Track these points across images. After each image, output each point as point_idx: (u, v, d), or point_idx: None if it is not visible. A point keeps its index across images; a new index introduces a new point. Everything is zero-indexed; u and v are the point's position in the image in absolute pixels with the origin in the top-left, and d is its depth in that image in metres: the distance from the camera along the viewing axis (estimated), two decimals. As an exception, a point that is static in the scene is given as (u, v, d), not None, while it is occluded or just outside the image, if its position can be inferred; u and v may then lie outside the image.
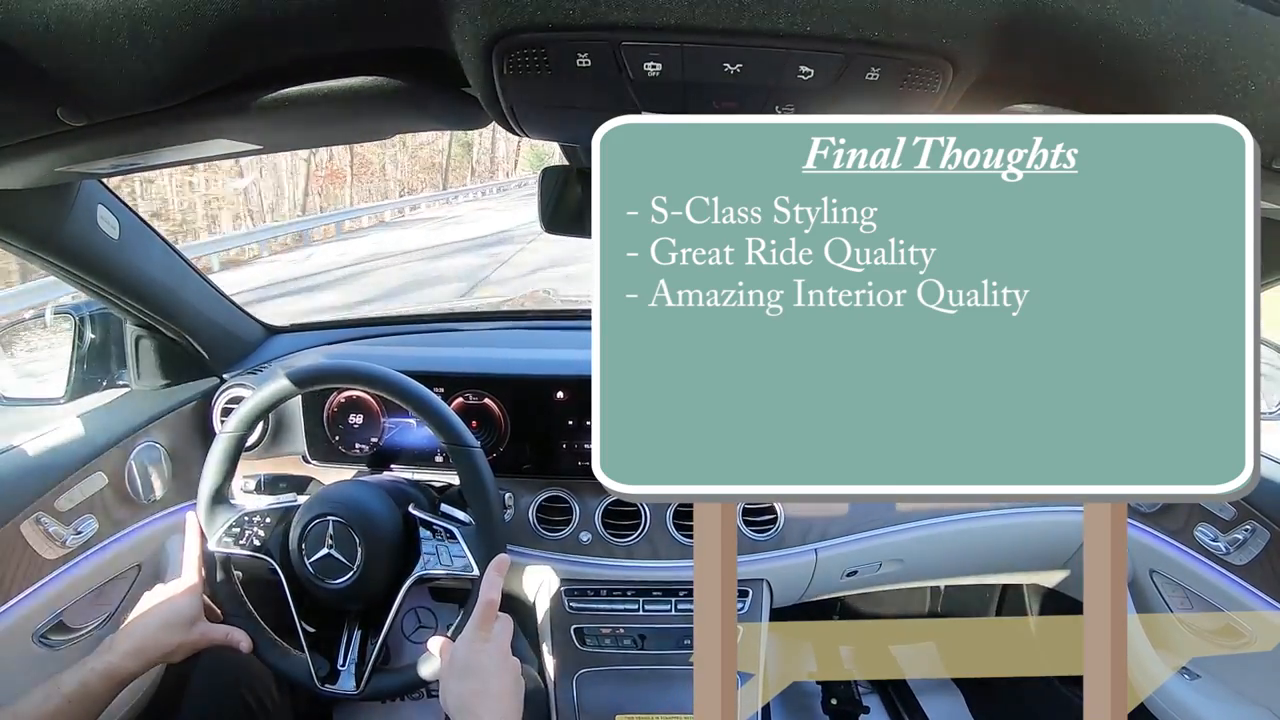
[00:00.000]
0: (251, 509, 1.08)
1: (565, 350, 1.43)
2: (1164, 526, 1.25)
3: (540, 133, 0.72)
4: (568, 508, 1.32)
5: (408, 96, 0.63)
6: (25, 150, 0.65)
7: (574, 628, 1.29)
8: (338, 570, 1.01)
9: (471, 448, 1.06)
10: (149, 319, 1.24)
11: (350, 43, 0.55)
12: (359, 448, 1.35)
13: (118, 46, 0.50)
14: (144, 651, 0.94)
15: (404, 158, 27.13)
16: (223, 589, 1.07)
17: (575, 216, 0.91)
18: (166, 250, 1.22)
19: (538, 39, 0.52)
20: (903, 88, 0.55)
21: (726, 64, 0.53)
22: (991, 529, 1.35)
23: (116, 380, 1.33)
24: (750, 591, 1.30)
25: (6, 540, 1.01)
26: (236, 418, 1.08)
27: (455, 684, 0.89)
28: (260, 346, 1.52)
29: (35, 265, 1.01)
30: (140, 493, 1.23)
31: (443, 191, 26.37)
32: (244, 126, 0.68)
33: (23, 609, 1.03)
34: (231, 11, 0.49)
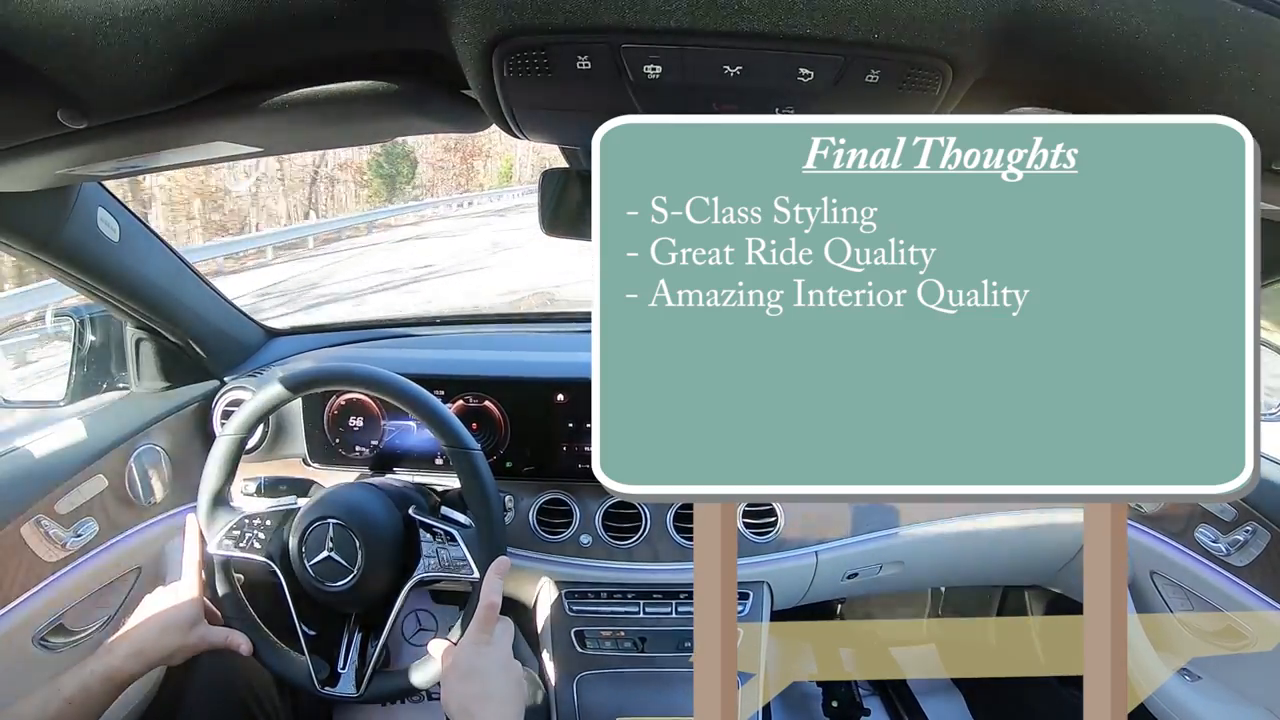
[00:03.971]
0: (252, 512, 1.08)
1: (565, 353, 1.43)
2: (1165, 528, 1.25)
3: (540, 135, 0.72)
4: (568, 510, 1.32)
5: (408, 99, 0.63)
6: (25, 153, 0.65)
7: (574, 630, 1.28)
8: (338, 573, 1.01)
9: (472, 450, 1.06)
10: (149, 321, 1.24)
11: (350, 45, 0.56)
12: (359, 450, 1.35)
13: (118, 48, 0.51)
14: (144, 654, 0.94)
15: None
16: (223, 591, 1.07)
17: (575, 219, 0.91)
18: (166, 253, 1.22)
19: (538, 41, 0.52)
20: (902, 89, 0.55)
21: (726, 66, 0.53)
22: (992, 531, 1.35)
23: (117, 383, 1.34)
24: (751, 594, 1.30)
25: (6, 542, 1.01)
26: (237, 420, 1.08)
27: (456, 687, 0.89)
28: (260, 349, 1.52)
29: (35, 268, 1.01)
30: (140, 495, 1.23)
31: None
32: (245, 129, 0.68)
33: (22, 611, 1.03)
34: (232, 14, 0.49)
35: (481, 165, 33.47)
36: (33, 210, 0.90)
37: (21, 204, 0.88)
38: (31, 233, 0.92)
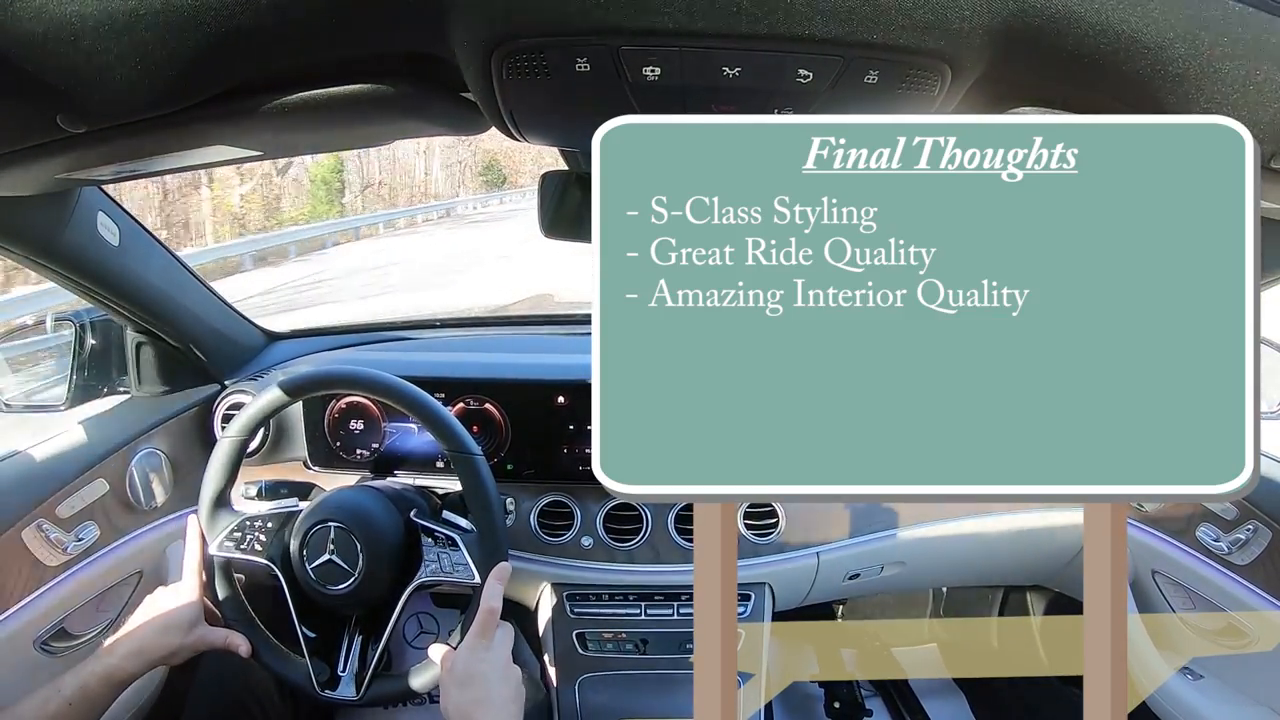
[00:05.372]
0: (253, 514, 1.08)
1: (566, 355, 1.43)
2: (1166, 527, 1.25)
3: (539, 137, 0.72)
4: (569, 513, 1.32)
5: (407, 102, 0.63)
6: (25, 157, 0.65)
7: (576, 633, 1.28)
8: (339, 576, 1.01)
9: (473, 454, 1.06)
10: (149, 325, 1.24)
11: (350, 48, 0.56)
12: (360, 454, 1.35)
13: (118, 53, 0.51)
14: (144, 653, 0.94)
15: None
16: (223, 593, 1.07)
17: (575, 221, 0.91)
18: (166, 257, 1.22)
19: (537, 44, 0.52)
20: (901, 90, 0.55)
21: (725, 68, 0.54)
22: (993, 531, 1.35)
23: (117, 387, 1.33)
24: (752, 595, 1.30)
25: (8, 547, 1.01)
26: (237, 424, 1.08)
27: (456, 692, 0.89)
28: (261, 353, 1.52)
29: (35, 272, 1.01)
30: (141, 499, 1.23)
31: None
32: (244, 132, 0.68)
33: (24, 616, 1.03)
34: (231, 17, 0.49)
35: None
36: (33, 215, 0.90)
37: (21, 208, 0.88)
38: (32, 237, 0.93)
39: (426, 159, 28.68)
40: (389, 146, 6.96)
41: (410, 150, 27.16)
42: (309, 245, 15.32)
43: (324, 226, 17.80)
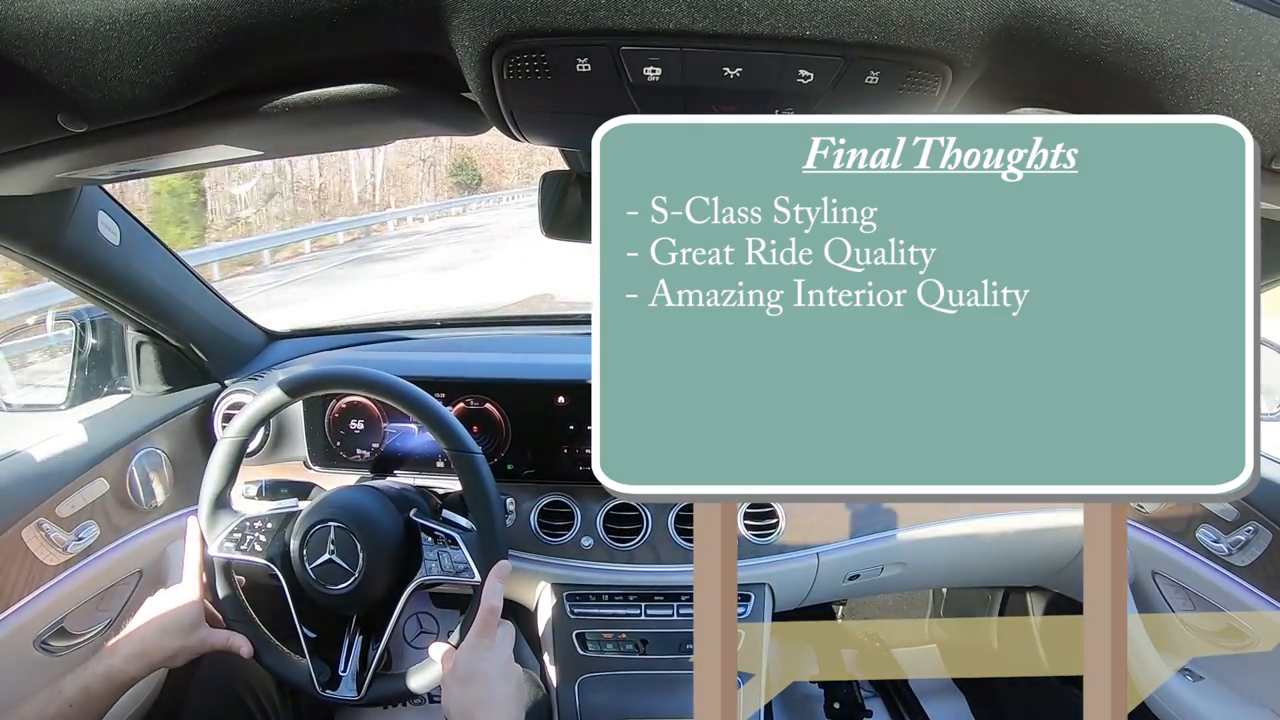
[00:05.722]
0: (253, 514, 1.08)
1: (566, 355, 1.43)
2: (1166, 528, 1.25)
3: (540, 137, 0.72)
4: (569, 513, 1.32)
5: (407, 102, 0.63)
6: (26, 156, 0.65)
7: (576, 633, 1.28)
8: (339, 576, 1.01)
9: (473, 453, 1.06)
10: (150, 325, 1.24)
11: (350, 48, 0.56)
12: (360, 453, 1.35)
13: (119, 52, 0.51)
14: (145, 655, 0.94)
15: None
16: (224, 594, 1.07)
17: (575, 221, 0.91)
18: (167, 256, 1.22)
19: (537, 44, 0.52)
20: (902, 90, 0.55)
21: (726, 68, 0.53)
22: (993, 532, 1.35)
23: (117, 386, 1.34)
24: (752, 595, 1.30)
25: (8, 546, 1.01)
26: (237, 423, 1.08)
27: (457, 691, 0.89)
28: (261, 352, 1.52)
29: (36, 271, 1.01)
30: (141, 498, 1.23)
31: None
32: (245, 132, 0.68)
33: (24, 615, 1.03)
34: (232, 17, 0.49)
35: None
36: (33, 214, 0.90)
37: (22, 208, 0.88)
38: (32, 236, 0.93)
39: (373, 155, 24.66)
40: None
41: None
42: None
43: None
